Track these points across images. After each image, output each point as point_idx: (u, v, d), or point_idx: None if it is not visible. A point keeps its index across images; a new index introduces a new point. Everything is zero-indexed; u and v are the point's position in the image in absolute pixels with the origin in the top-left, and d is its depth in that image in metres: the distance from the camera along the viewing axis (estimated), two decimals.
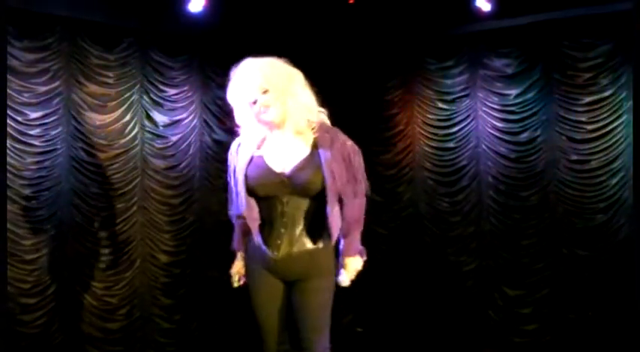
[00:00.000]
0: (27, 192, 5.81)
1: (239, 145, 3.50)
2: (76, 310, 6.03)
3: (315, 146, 3.36)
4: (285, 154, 3.37)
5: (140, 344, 6.36)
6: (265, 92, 3.33)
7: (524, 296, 6.72)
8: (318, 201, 3.34)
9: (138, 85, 6.45)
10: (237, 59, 7.54)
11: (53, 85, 5.97)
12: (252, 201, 3.39)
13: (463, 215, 7.05)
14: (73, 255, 6.04)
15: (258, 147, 3.43)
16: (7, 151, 5.65)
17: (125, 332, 6.28)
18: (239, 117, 3.46)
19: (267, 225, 3.41)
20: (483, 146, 6.97)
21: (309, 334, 3.41)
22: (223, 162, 7.00)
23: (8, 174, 5.65)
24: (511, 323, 6.73)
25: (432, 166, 7.21)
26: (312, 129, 3.38)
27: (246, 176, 3.39)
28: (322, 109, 3.44)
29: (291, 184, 3.32)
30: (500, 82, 6.89)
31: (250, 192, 3.38)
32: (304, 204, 3.35)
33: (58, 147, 6.00)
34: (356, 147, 3.43)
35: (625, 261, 6.09)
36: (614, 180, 6.38)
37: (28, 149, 5.83)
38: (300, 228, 3.37)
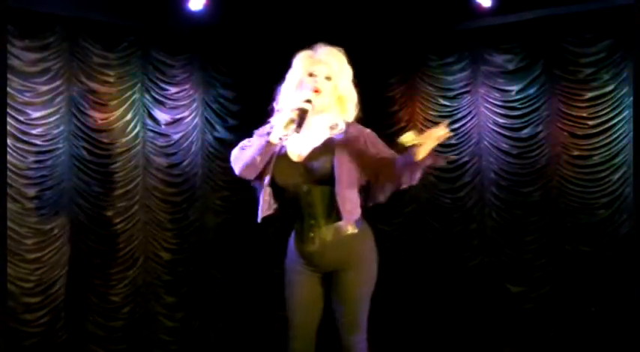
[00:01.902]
0: (29, 191, 5.82)
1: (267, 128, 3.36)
2: (79, 309, 6.04)
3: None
4: (306, 143, 3.31)
5: (143, 343, 6.37)
6: (328, 78, 3.33)
7: (527, 292, 6.71)
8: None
9: (139, 84, 6.46)
10: (238, 57, 7.57)
11: (55, 84, 5.98)
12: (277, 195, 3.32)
13: (465, 211, 7.04)
14: (76, 253, 6.05)
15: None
16: (9, 151, 5.67)
17: (128, 330, 6.29)
18: (289, 87, 3.38)
19: (298, 219, 3.35)
20: (485, 142, 6.96)
21: (348, 328, 3.40)
22: (225, 160, 7.01)
23: (10, 174, 5.67)
24: (514, 319, 6.73)
25: None
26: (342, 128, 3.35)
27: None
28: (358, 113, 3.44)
29: (305, 172, 3.27)
30: (501, 78, 6.88)
31: (273, 182, 3.29)
32: (327, 191, 3.27)
33: (60, 146, 6.01)
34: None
35: (627, 257, 6.09)
36: (617, 176, 6.37)
37: (30, 148, 5.85)
38: (330, 216, 3.30)
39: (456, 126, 7.07)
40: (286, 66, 3.44)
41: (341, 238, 3.32)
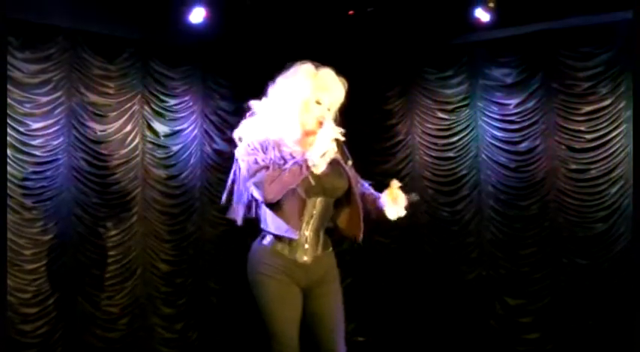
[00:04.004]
0: (28, 202, 5.83)
1: (271, 143, 3.34)
2: (77, 320, 6.03)
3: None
4: (320, 158, 3.31)
5: None
6: (329, 109, 3.39)
7: (525, 305, 6.72)
8: (335, 204, 3.44)
9: (139, 96, 6.48)
10: (237, 69, 7.57)
11: (55, 96, 5.99)
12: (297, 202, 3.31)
13: (463, 224, 7.05)
14: (74, 264, 6.05)
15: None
16: (9, 161, 5.68)
17: (126, 341, 6.28)
18: (286, 107, 3.40)
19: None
20: (483, 155, 6.98)
21: (336, 336, 3.43)
22: (224, 171, 7.02)
23: (10, 184, 5.68)
24: (512, 332, 6.72)
25: (431, 176, 7.22)
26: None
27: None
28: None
29: (323, 185, 3.32)
30: (499, 92, 6.91)
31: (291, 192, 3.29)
32: (329, 206, 3.41)
33: (60, 157, 6.02)
34: None
35: (625, 270, 6.10)
36: (614, 189, 6.38)
37: (29, 159, 5.85)
38: (321, 231, 3.42)
39: (454, 139, 7.10)
40: None
41: (326, 252, 3.45)
